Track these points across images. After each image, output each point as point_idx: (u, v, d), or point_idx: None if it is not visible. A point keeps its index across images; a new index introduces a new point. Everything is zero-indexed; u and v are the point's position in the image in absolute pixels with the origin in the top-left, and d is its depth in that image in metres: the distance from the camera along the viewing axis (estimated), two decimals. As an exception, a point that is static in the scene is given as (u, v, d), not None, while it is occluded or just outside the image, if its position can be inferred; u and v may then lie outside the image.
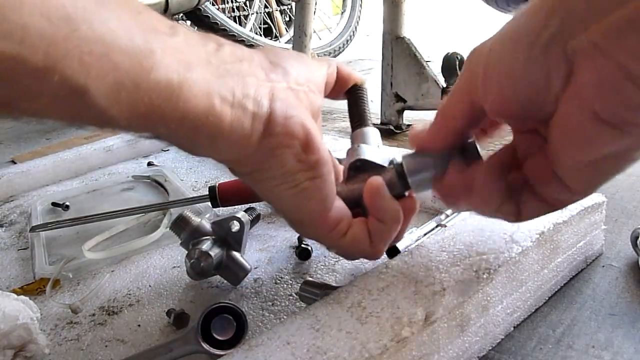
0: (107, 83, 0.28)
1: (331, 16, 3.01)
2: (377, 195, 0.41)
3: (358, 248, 0.43)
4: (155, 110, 0.30)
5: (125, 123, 0.30)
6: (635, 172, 0.74)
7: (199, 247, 0.53)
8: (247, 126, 0.35)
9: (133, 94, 0.29)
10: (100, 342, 0.51)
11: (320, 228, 0.41)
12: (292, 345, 0.37)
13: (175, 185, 0.86)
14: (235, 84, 0.34)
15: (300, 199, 0.39)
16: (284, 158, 0.37)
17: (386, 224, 0.42)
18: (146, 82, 0.29)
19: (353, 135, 0.48)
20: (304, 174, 0.38)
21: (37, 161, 1.04)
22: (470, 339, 0.42)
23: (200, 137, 0.34)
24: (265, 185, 0.39)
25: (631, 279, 0.51)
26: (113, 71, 0.28)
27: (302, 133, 0.37)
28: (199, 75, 0.32)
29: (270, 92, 0.36)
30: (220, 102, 0.33)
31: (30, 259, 0.70)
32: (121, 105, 0.29)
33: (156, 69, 0.30)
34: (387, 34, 1.12)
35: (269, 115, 0.35)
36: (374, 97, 1.41)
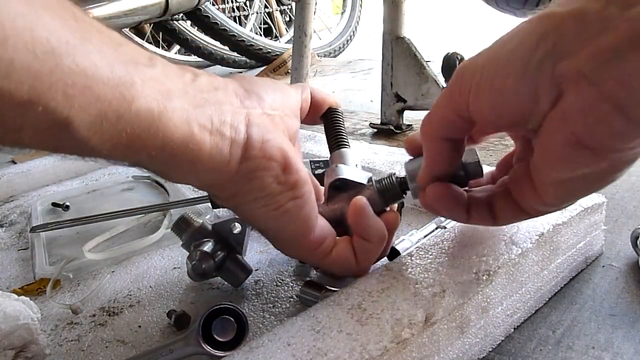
0: (90, 114, 0.29)
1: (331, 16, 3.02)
2: (362, 214, 0.42)
3: (344, 266, 0.44)
4: (136, 140, 0.31)
5: (107, 153, 0.31)
6: (635, 172, 0.74)
7: (200, 249, 0.53)
8: (226, 152, 0.36)
9: (115, 125, 0.30)
10: (101, 342, 0.51)
11: (305, 248, 0.42)
12: (292, 346, 0.37)
13: (175, 186, 0.86)
14: (212, 112, 0.35)
15: (284, 220, 0.40)
16: (264, 181, 0.38)
17: (372, 242, 0.43)
18: (128, 113, 0.30)
19: (331, 157, 0.49)
20: (285, 195, 0.39)
21: (37, 161, 1.04)
22: (470, 340, 0.43)
23: (181, 165, 0.34)
24: (248, 208, 0.40)
25: (631, 279, 0.51)
26: (96, 102, 0.29)
27: (279, 155, 0.38)
28: (178, 104, 0.33)
29: (247, 118, 0.37)
30: (199, 129, 0.34)
31: (30, 259, 0.70)
32: (103, 136, 0.30)
33: (137, 100, 0.31)
34: (387, 34, 1.12)
35: (247, 140, 0.37)
36: (374, 97, 1.41)
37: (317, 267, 0.47)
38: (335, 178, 0.45)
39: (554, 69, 0.28)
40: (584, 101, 0.27)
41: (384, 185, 0.45)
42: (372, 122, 1.20)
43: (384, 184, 0.45)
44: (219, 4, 2.56)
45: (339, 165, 0.47)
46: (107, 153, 0.31)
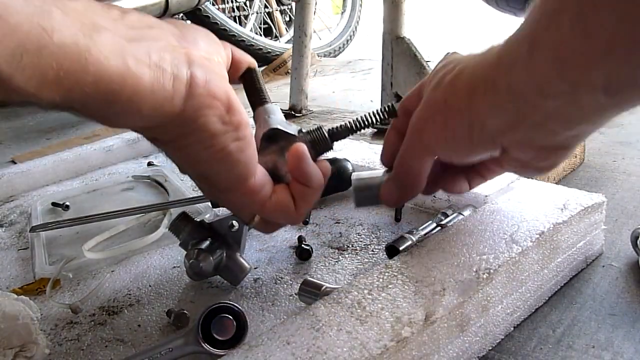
0: (6, 47, 0.26)
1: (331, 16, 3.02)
2: (302, 160, 0.43)
3: (283, 212, 0.45)
4: (65, 75, 0.29)
5: (34, 91, 0.29)
6: (635, 172, 0.74)
7: (199, 247, 0.53)
8: (169, 88, 0.34)
9: (37, 58, 0.28)
10: (100, 342, 0.51)
11: (246, 193, 0.42)
12: (292, 345, 0.37)
13: (175, 185, 0.86)
14: (149, 47, 0.34)
15: (226, 162, 0.39)
16: (209, 120, 0.37)
17: (311, 187, 0.45)
18: (51, 45, 0.28)
19: (256, 113, 0.49)
20: (229, 136, 0.38)
21: (37, 161, 1.04)
22: (470, 339, 0.42)
23: (120, 102, 0.32)
24: (190, 151, 0.39)
25: (631, 279, 0.51)
26: (11, 34, 0.26)
27: (224, 95, 0.37)
28: (108, 37, 0.31)
29: (187, 57, 0.36)
30: (136, 63, 0.32)
31: (30, 259, 0.70)
32: (26, 72, 0.28)
33: (58, 31, 0.28)
34: (387, 34, 1.12)
35: (190, 78, 0.35)
36: (374, 97, 1.41)
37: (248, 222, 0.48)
38: (267, 128, 0.46)
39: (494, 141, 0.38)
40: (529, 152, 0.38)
41: (314, 137, 0.46)
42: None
43: (314, 135, 0.47)
44: (219, 4, 2.56)
45: (271, 116, 0.47)
46: (34, 91, 0.29)
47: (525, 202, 0.53)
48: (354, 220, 0.68)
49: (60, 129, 1.61)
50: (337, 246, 0.62)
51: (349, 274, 0.56)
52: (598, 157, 0.82)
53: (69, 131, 1.56)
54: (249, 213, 0.45)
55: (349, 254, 0.60)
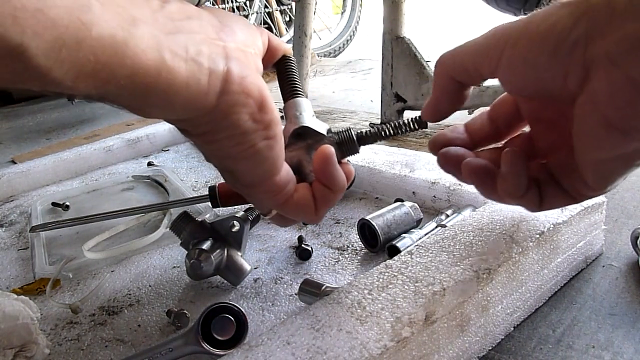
0: (46, 41, 0.26)
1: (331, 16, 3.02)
2: (328, 162, 0.43)
3: (303, 211, 0.44)
4: (102, 68, 0.29)
5: (71, 84, 0.29)
6: (635, 172, 0.74)
7: (199, 247, 0.53)
8: (204, 83, 0.34)
9: (75, 52, 0.28)
10: (100, 342, 0.51)
11: (269, 190, 0.42)
12: (292, 345, 0.37)
13: (175, 185, 0.86)
14: (186, 40, 0.33)
15: (255, 159, 0.39)
16: (241, 117, 0.36)
17: (333, 190, 0.44)
18: (89, 39, 0.28)
19: (287, 105, 0.48)
20: (259, 134, 0.38)
21: (37, 161, 1.04)
22: (470, 339, 0.42)
23: (154, 95, 0.32)
24: (219, 146, 0.38)
25: (631, 279, 0.51)
26: (51, 27, 0.27)
27: (257, 93, 0.37)
28: (146, 31, 0.31)
29: (224, 51, 0.36)
30: (172, 57, 0.32)
31: (30, 259, 0.70)
32: (65, 65, 0.28)
33: (97, 25, 0.28)
34: (387, 34, 1.12)
35: (226, 73, 0.35)
36: (374, 97, 1.41)
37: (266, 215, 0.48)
38: (298, 125, 0.45)
39: (585, 51, 0.30)
40: (612, 85, 0.30)
41: (342, 138, 0.46)
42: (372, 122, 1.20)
43: (342, 137, 0.46)
44: (219, 4, 2.56)
45: (302, 113, 0.47)
46: (70, 84, 0.29)
47: (525, 202, 0.53)
48: (354, 220, 0.68)
49: (60, 129, 1.61)
50: (337, 246, 0.62)
51: (349, 274, 0.56)
52: (598, 157, 0.82)
53: (69, 131, 1.56)
54: (268, 207, 0.45)
55: (349, 254, 0.60)
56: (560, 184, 0.39)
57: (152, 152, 1.13)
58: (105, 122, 1.57)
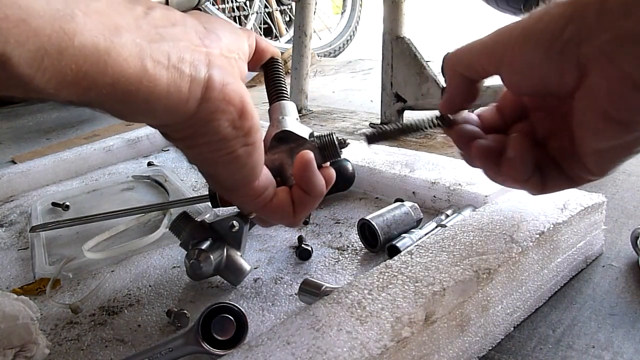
0: (29, 50, 0.27)
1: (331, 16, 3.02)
2: (307, 168, 0.44)
3: (281, 215, 0.45)
4: (83, 77, 0.29)
5: (53, 91, 0.29)
6: (635, 171, 0.74)
7: (199, 247, 0.53)
8: (185, 90, 0.34)
9: (57, 61, 0.28)
10: (100, 342, 0.51)
11: (249, 194, 0.43)
12: (292, 345, 0.37)
13: (175, 185, 0.86)
14: (169, 48, 0.34)
15: (234, 165, 0.39)
16: (220, 124, 0.37)
17: (312, 196, 0.45)
18: (71, 48, 0.28)
19: (272, 108, 0.49)
20: (238, 141, 0.38)
21: (37, 161, 1.04)
22: (470, 339, 0.42)
23: (136, 102, 0.33)
24: (199, 151, 0.39)
25: (631, 279, 0.51)
26: (33, 37, 0.27)
27: (238, 100, 0.37)
28: (128, 39, 0.31)
29: (207, 58, 0.36)
30: (154, 65, 0.32)
31: (30, 259, 0.70)
32: (47, 73, 0.28)
33: (79, 34, 0.29)
34: (387, 34, 1.12)
35: (207, 81, 0.35)
36: (374, 97, 1.41)
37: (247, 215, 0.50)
38: (280, 129, 0.46)
39: (579, 50, 0.31)
40: (608, 80, 0.31)
41: (324, 142, 0.46)
42: (372, 122, 1.20)
43: (325, 141, 0.46)
44: (219, 4, 2.56)
45: (284, 117, 0.47)
46: (53, 92, 0.29)
47: (525, 202, 0.53)
48: (354, 220, 0.68)
49: (60, 129, 1.61)
50: (337, 246, 0.62)
51: (349, 274, 0.56)
52: (598, 157, 0.82)
53: (69, 131, 1.56)
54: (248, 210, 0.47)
55: (349, 254, 0.60)
56: (562, 168, 0.40)
57: (152, 152, 1.13)
58: (105, 122, 1.57)
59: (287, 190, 0.45)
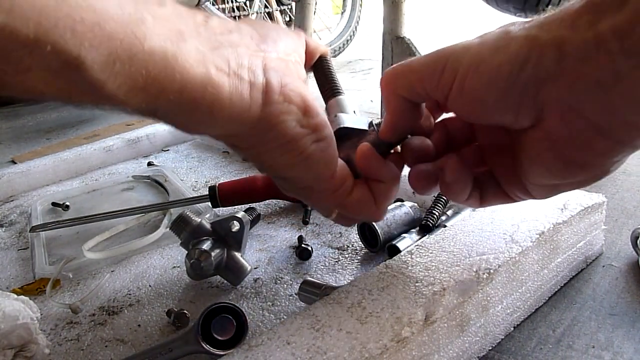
0: (102, 54, 0.27)
1: (331, 16, 3.02)
2: (369, 158, 0.42)
3: (364, 207, 0.43)
4: (153, 83, 0.30)
5: (123, 98, 0.30)
6: (635, 171, 0.74)
7: (199, 247, 0.53)
8: (246, 96, 0.34)
9: (128, 66, 0.29)
10: (100, 342, 0.51)
11: (327, 189, 0.42)
12: (292, 345, 0.37)
13: (175, 185, 0.86)
14: (228, 54, 0.34)
15: (309, 163, 0.39)
16: (286, 125, 0.37)
17: (386, 182, 0.43)
18: (141, 53, 0.29)
19: (328, 106, 0.48)
20: (309, 138, 0.38)
21: (37, 161, 1.04)
22: (470, 339, 0.42)
23: (200, 111, 0.33)
24: (271, 156, 0.39)
25: (631, 279, 0.51)
26: (107, 41, 0.27)
27: (299, 99, 0.37)
28: (192, 45, 0.32)
29: (263, 62, 0.36)
30: (217, 72, 0.33)
31: (30, 259, 0.70)
32: (118, 79, 0.29)
33: (149, 39, 0.29)
34: (387, 34, 1.12)
35: (265, 84, 0.35)
36: (374, 97, 1.41)
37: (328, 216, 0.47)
38: (336, 128, 0.45)
39: (537, 95, 0.30)
40: (569, 127, 0.30)
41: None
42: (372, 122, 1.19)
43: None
44: (219, 4, 2.56)
45: (338, 114, 0.46)
46: (123, 98, 0.30)
47: (525, 202, 0.53)
48: (354, 220, 0.68)
49: (60, 129, 1.61)
50: (337, 246, 0.62)
51: (349, 274, 0.56)
52: (598, 157, 0.82)
53: (69, 131, 1.56)
54: (328, 208, 0.45)
55: (349, 254, 0.60)
56: (502, 187, 0.40)
57: (152, 152, 1.13)
58: (105, 122, 1.57)
59: (363, 183, 0.44)
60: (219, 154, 1.04)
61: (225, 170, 0.95)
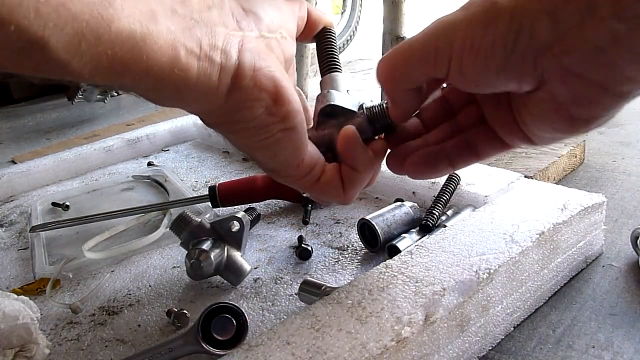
0: (66, 34, 0.27)
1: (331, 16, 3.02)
2: (350, 143, 0.42)
3: (331, 193, 0.43)
4: (118, 63, 0.30)
5: (88, 76, 0.30)
6: (635, 172, 0.74)
7: (199, 247, 0.53)
8: (214, 79, 0.34)
9: (94, 46, 0.28)
10: (100, 342, 0.51)
11: (294, 175, 0.42)
12: (292, 345, 0.37)
13: (175, 185, 0.86)
14: (202, 34, 0.34)
15: (274, 149, 0.39)
16: (254, 111, 0.36)
17: (359, 171, 0.42)
18: (107, 34, 0.29)
19: (322, 80, 0.47)
20: (276, 126, 0.38)
21: (37, 161, 1.04)
22: (470, 339, 0.42)
23: (166, 90, 0.33)
24: (237, 137, 0.39)
25: (631, 279, 0.51)
26: (72, 22, 0.27)
27: (271, 85, 0.36)
28: (163, 26, 0.31)
29: (240, 42, 0.35)
30: (186, 54, 0.32)
31: (30, 259, 0.70)
32: (83, 58, 0.28)
33: (117, 20, 0.29)
34: (387, 34, 1.12)
35: (237, 68, 0.35)
36: (374, 97, 1.41)
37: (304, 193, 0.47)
38: (325, 104, 0.44)
39: (535, 63, 0.30)
40: (573, 90, 0.30)
41: (375, 114, 0.43)
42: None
43: (375, 112, 0.43)
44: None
45: (330, 90, 0.45)
46: (88, 76, 0.30)
47: (525, 202, 0.53)
48: (354, 220, 0.68)
49: (60, 129, 1.61)
50: (337, 246, 0.62)
51: (349, 274, 0.56)
52: (598, 157, 0.82)
53: (69, 131, 1.56)
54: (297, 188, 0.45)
55: (349, 254, 0.60)
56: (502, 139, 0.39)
57: (152, 152, 1.13)
58: (105, 122, 1.57)
59: (336, 167, 0.43)
60: (219, 154, 1.04)
61: (225, 170, 0.95)
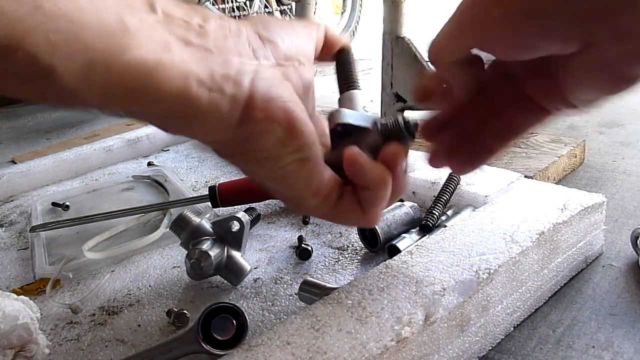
0: (76, 64, 0.27)
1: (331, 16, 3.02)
2: (355, 164, 0.40)
3: (350, 217, 0.42)
4: (128, 93, 0.29)
5: (97, 104, 0.30)
6: (635, 172, 0.74)
7: (199, 247, 0.53)
8: (225, 110, 0.33)
9: (104, 76, 0.28)
10: (100, 342, 0.51)
11: (310, 203, 0.40)
12: (292, 345, 0.37)
13: (175, 185, 0.86)
14: (216, 64, 0.33)
15: (287, 179, 0.38)
16: (265, 142, 0.35)
17: (373, 190, 0.40)
18: (119, 64, 0.28)
19: (341, 98, 0.47)
20: (290, 157, 0.37)
21: (37, 161, 1.04)
22: (470, 339, 0.42)
23: (176, 119, 0.33)
24: (250, 168, 0.38)
25: (631, 279, 0.51)
26: (83, 52, 0.27)
27: (283, 117, 0.35)
28: (177, 56, 0.31)
29: (254, 72, 0.35)
30: (197, 85, 0.32)
31: (30, 259, 0.70)
32: (92, 87, 0.28)
33: (130, 50, 0.28)
34: (387, 34, 1.12)
35: (248, 99, 0.34)
36: (374, 97, 1.41)
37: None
38: (335, 124, 0.42)
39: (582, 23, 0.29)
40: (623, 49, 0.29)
41: (389, 129, 0.41)
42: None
43: (389, 127, 0.41)
44: (219, 4, 2.56)
45: (339, 109, 0.43)
46: (97, 104, 0.30)
47: (525, 202, 0.53)
48: (354, 220, 0.68)
49: (60, 129, 1.61)
50: (337, 246, 0.62)
51: (349, 274, 0.56)
52: (598, 157, 0.82)
53: (69, 131, 1.56)
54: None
55: (349, 254, 0.60)
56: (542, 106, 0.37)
57: (152, 152, 1.13)
58: (105, 122, 1.57)
59: (351, 191, 0.41)
60: (219, 154, 1.04)
61: (225, 170, 0.95)
